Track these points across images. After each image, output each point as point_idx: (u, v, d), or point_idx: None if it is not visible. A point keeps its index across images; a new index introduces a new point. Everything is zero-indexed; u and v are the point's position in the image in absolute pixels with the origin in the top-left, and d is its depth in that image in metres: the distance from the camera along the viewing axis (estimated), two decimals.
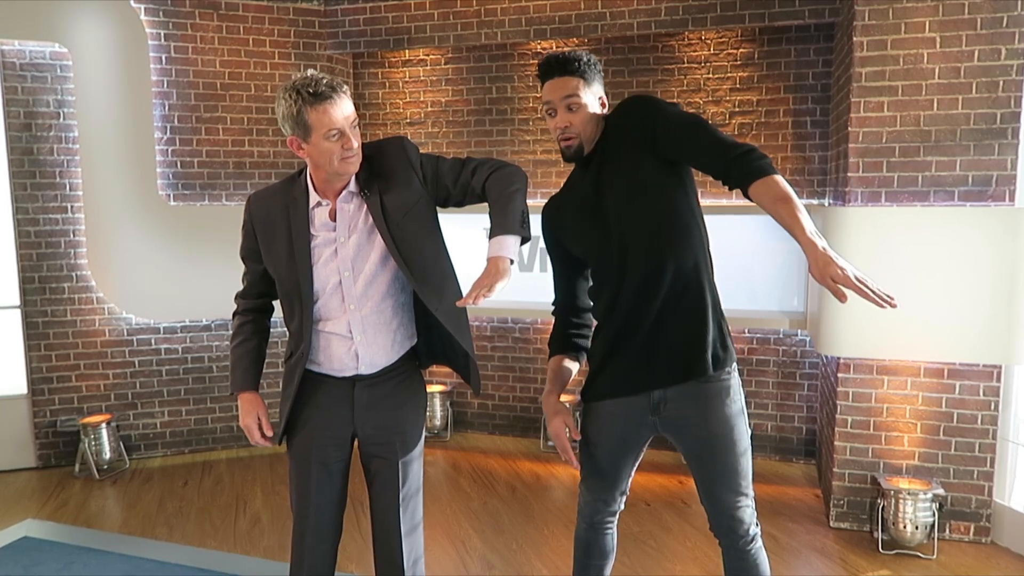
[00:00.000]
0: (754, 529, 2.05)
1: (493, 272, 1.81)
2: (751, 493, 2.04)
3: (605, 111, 2.05)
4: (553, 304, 2.24)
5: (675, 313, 1.95)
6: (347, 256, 2.02)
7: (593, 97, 2.00)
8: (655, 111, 1.95)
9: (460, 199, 2.07)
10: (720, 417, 1.97)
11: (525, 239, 1.91)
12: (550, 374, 2.17)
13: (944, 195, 3.28)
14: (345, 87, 1.93)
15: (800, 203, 1.70)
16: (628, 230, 1.95)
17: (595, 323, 2.16)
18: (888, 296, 1.57)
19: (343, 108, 1.90)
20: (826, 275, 1.58)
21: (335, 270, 2.02)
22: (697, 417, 1.98)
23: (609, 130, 2.02)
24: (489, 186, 1.98)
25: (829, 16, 3.93)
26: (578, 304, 2.19)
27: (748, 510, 2.03)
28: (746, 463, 2.01)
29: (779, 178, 1.76)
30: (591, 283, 2.13)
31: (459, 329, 2.08)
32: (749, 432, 2.04)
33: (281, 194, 2.07)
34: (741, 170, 1.79)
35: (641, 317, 1.95)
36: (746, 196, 1.80)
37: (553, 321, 2.24)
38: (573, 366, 2.18)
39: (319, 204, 2.04)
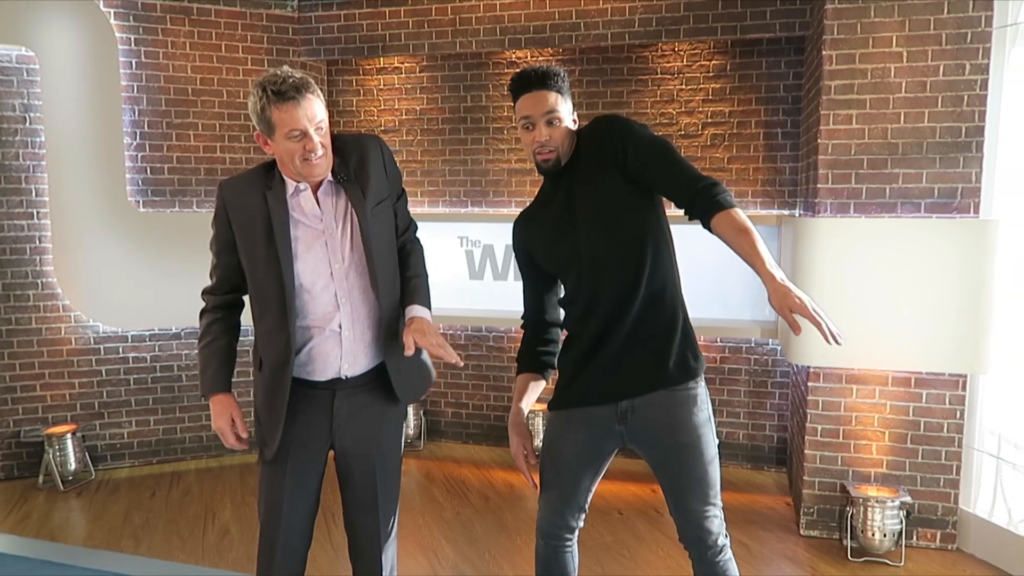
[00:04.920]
0: (723, 540, 2.06)
1: (430, 328, 1.98)
2: (719, 503, 2.05)
3: (575, 126, 2.08)
4: (522, 317, 2.27)
5: (645, 327, 1.98)
6: (337, 246, 1.99)
7: (568, 112, 2.03)
8: (627, 131, 1.98)
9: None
10: (687, 426, 1.99)
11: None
12: (517, 393, 2.23)
13: (911, 207, 3.34)
14: (314, 88, 1.90)
15: (759, 235, 1.76)
16: (600, 248, 1.98)
17: (563, 336, 2.18)
18: (837, 334, 1.61)
19: (308, 109, 1.86)
20: (784, 306, 1.62)
21: (327, 262, 1.98)
22: (664, 425, 2.00)
23: (581, 146, 2.05)
24: (411, 260, 2.15)
25: (800, 30, 4.00)
26: (547, 318, 2.22)
27: (716, 520, 2.04)
28: (714, 472, 2.02)
29: (739, 211, 1.82)
30: (562, 295, 2.15)
31: (395, 335, 2.09)
32: (716, 442, 2.06)
33: (257, 180, 2.01)
34: (706, 202, 1.84)
35: (612, 332, 1.98)
36: (706, 227, 1.86)
37: (522, 335, 2.27)
38: (540, 384, 2.23)
39: (298, 190, 1.98)
